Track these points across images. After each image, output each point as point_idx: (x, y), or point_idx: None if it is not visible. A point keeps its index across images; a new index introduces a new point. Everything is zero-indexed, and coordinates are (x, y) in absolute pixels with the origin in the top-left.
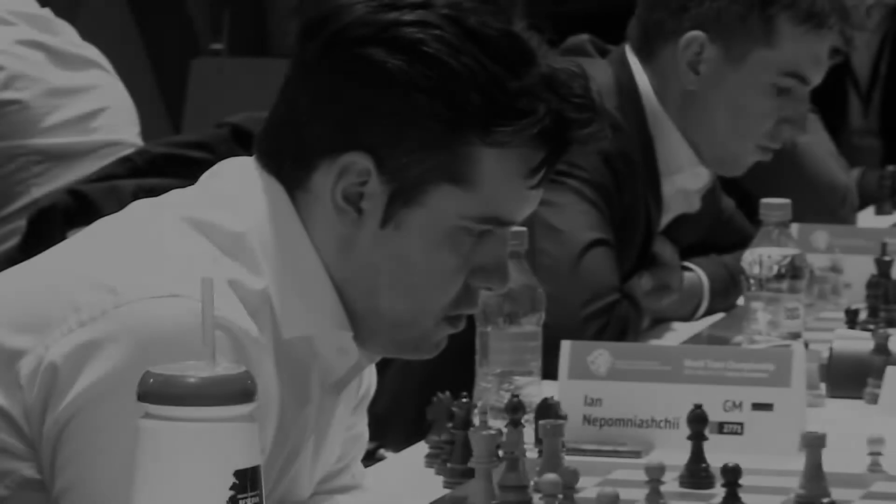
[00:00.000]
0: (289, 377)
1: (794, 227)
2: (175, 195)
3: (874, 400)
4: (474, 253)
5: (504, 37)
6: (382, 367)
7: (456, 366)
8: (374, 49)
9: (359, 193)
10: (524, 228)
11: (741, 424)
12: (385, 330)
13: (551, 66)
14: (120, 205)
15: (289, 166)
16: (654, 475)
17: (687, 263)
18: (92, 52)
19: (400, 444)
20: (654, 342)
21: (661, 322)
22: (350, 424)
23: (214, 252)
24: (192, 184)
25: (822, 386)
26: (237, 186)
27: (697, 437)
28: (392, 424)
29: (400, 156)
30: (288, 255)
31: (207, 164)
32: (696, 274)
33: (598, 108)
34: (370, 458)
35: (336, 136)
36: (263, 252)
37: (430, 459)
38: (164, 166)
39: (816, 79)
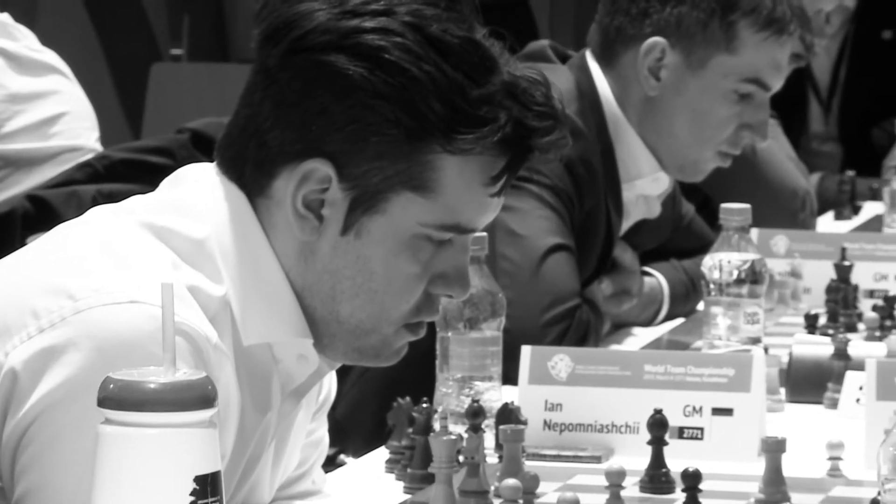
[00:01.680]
0: (249, 384)
1: (754, 232)
2: (135, 201)
3: (834, 405)
4: (435, 260)
5: (466, 44)
6: (343, 372)
7: (416, 371)
8: (336, 56)
9: (319, 201)
10: (485, 234)
11: (701, 429)
12: (345, 337)
13: (513, 74)
14: (79, 210)
15: (250, 173)
16: (615, 480)
17: (647, 269)
18: (51, 57)
19: (360, 450)
20: (615, 347)
21: (621, 327)
22: (310, 430)
23: (174, 258)
24: (152, 189)
25: (782, 391)
26: (197, 193)
27: (657, 442)
28: (352, 430)
29: (361, 163)
30: (248, 263)
31: (167, 170)
32: (656, 279)
33: (560, 116)
34: (330, 464)
35: (297, 143)
36: (223, 259)
37: (391, 465)
38: (123, 172)
39: (777, 85)
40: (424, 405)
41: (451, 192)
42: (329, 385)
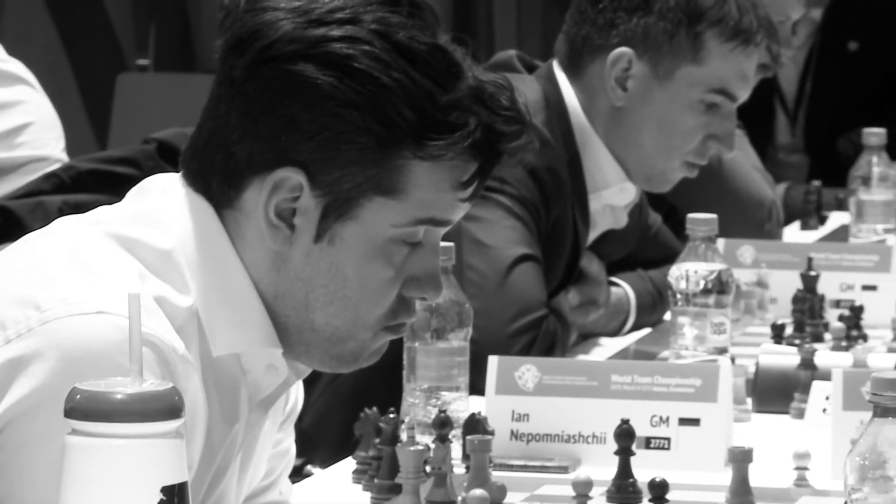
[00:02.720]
0: (217, 394)
1: (721, 243)
2: (101, 212)
3: (800, 415)
4: (407, 264)
5: (433, 50)
6: (310, 383)
7: (383, 381)
8: (304, 65)
9: (291, 209)
10: (451, 244)
11: (668, 439)
12: (322, 345)
13: (478, 79)
14: (45, 221)
15: (218, 185)
16: (582, 490)
17: (614, 279)
18: (17, 67)
19: (327, 460)
20: (582, 357)
21: (588, 337)
22: (277, 440)
23: (141, 269)
24: (119, 200)
25: (749, 401)
26: (164, 203)
27: (625, 452)
28: (320, 440)
29: (332, 171)
30: (215, 273)
31: (134, 180)
32: (623, 289)
33: (527, 119)
34: (297, 474)
35: (267, 154)
36: (190, 269)
37: (358, 475)
38: (90, 182)
39: (743, 95)
40: (391, 415)
41: (423, 193)
42: (296, 395)
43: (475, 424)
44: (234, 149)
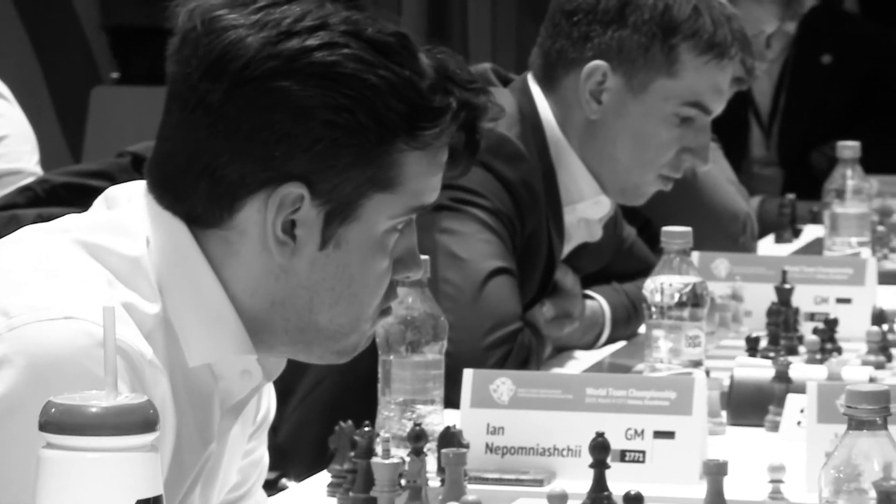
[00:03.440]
0: (189, 403)
1: (695, 255)
2: (68, 220)
3: (775, 428)
4: (394, 249)
5: (400, 39)
6: (285, 396)
7: (358, 395)
8: (287, 80)
9: (290, 222)
10: (426, 257)
11: (643, 452)
12: (324, 342)
13: (434, 56)
14: None
15: (205, 208)
16: (557, 503)
17: (588, 292)
18: None
19: (302, 474)
20: (557, 370)
21: (563, 350)
22: (249, 449)
23: (109, 276)
24: None
25: (724, 414)
26: (131, 212)
27: (599, 466)
28: (294, 454)
29: (332, 178)
30: (185, 282)
31: None
32: (598, 302)
33: (485, 85)
34: (272, 488)
35: (261, 172)
36: (158, 277)
37: (333, 489)
38: (64, 195)
39: (717, 109)
40: (366, 429)
41: (416, 182)
42: (268, 404)
43: (450, 438)
44: (223, 172)
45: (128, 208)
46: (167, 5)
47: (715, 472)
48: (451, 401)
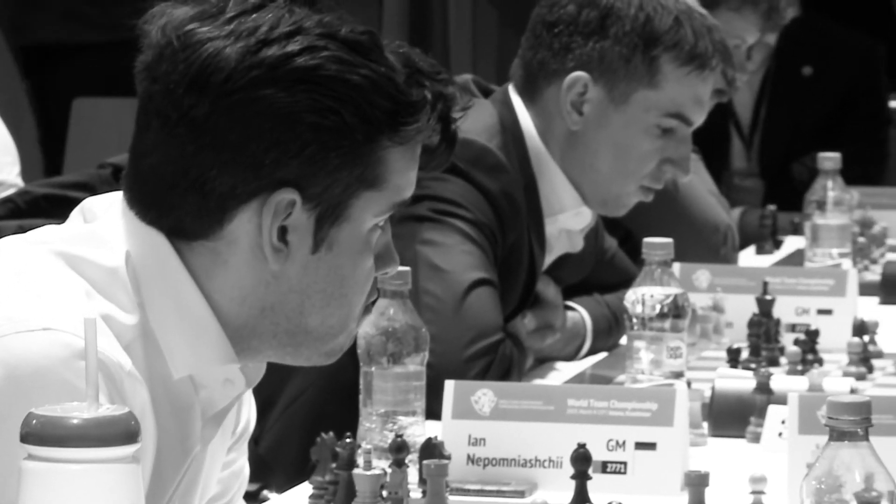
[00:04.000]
0: (172, 414)
1: (676, 267)
2: (47, 231)
3: (756, 439)
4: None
5: (370, 37)
6: (266, 407)
7: (340, 406)
8: (273, 87)
9: (281, 228)
10: (407, 268)
11: (624, 464)
12: (314, 344)
13: (397, 51)
14: None
15: (193, 221)
16: None
17: (570, 303)
18: None
19: (284, 485)
20: (538, 382)
21: (544, 362)
22: (229, 460)
23: (87, 287)
24: None
25: (705, 425)
26: (109, 223)
27: (581, 477)
28: (276, 465)
29: (322, 180)
30: (165, 292)
31: None
32: (579, 313)
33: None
34: (254, 499)
35: (252, 181)
36: (136, 287)
37: (314, 500)
38: (45, 207)
39: (699, 120)
40: (348, 440)
41: (398, 178)
42: (248, 415)
43: (432, 449)
44: (213, 185)
45: (105, 219)
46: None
47: (696, 483)
48: (433, 412)
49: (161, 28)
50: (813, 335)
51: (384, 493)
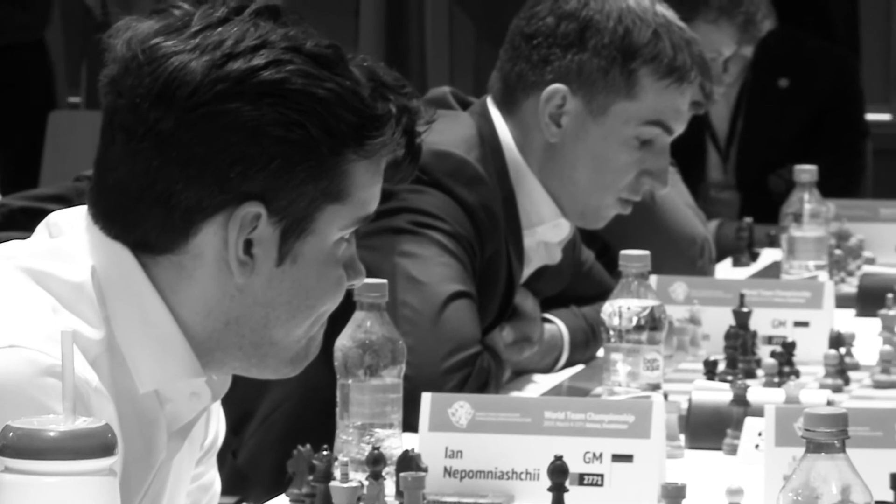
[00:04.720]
0: (138, 427)
1: (653, 279)
2: (13, 246)
3: (733, 451)
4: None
5: (335, 51)
6: (243, 420)
7: (317, 418)
8: (238, 102)
9: (247, 241)
10: (385, 281)
11: (601, 476)
12: (279, 354)
13: (361, 64)
14: None
15: (158, 235)
16: None
17: (547, 315)
18: None
19: (261, 498)
20: (515, 394)
21: (521, 374)
22: (198, 473)
23: (53, 303)
24: None
25: (682, 437)
26: (74, 238)
27: (558, 489)
28: (253, 478)
29: (287, 194)
30: (131, 307)
31: None
32: (557, 326)
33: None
34: None
35: (217, 196)
36: (102, 302)
37: None
38: (21, 220)
39: (679, 129)
40: (325, 452)
41: (362, 191)
42: (216, 428)
43: (409, 461)
44: (179, 199)
45: (71, 234)
46: None
47: (673, 495)
48: (410, 424)
49: (126, 42)
50: (790, 347)
51: None
